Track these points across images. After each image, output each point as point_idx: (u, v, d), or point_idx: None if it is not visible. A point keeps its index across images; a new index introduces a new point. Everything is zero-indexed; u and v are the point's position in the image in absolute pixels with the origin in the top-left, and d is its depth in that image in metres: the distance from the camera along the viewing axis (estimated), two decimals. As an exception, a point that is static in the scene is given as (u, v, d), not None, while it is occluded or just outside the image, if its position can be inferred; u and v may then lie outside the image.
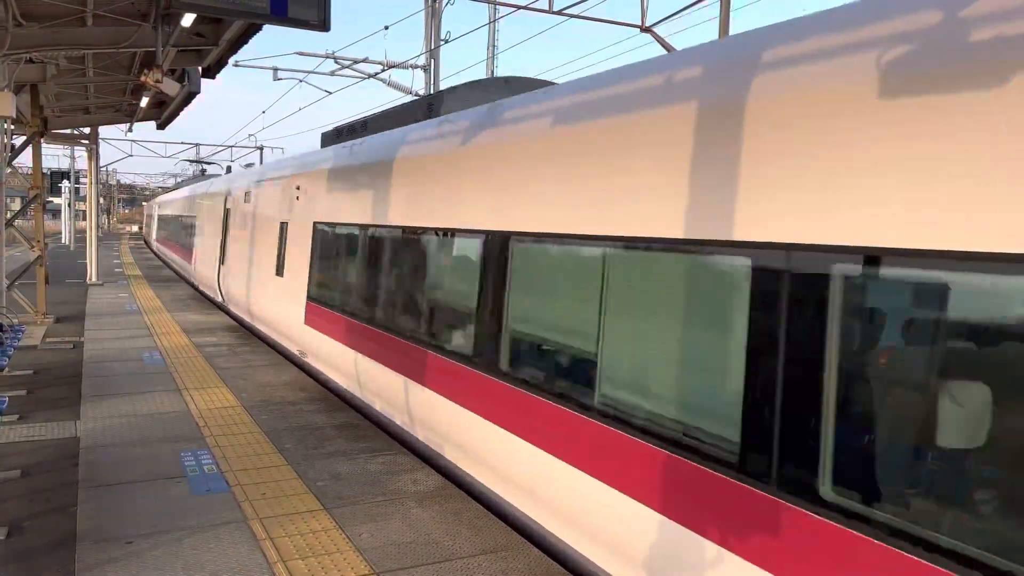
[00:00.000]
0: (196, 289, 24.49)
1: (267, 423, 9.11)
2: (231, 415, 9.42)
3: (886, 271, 3.45)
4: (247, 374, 11.88)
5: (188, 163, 50.31)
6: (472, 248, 7.06)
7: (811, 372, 3.68)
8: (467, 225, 7.17)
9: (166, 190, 57.05)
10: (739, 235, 4.14)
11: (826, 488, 3.59)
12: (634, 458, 4.83)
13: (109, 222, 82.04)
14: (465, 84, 9.71)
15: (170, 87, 10.41)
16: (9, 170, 16.15)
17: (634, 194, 5.00)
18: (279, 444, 8.30)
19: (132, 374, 11.55)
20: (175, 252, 31.19)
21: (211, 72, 13.31)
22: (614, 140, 5.27)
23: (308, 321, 11.84)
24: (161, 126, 22.82)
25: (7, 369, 9.96)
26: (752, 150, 4.13)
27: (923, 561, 3.11)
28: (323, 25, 7.22)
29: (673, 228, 4.63)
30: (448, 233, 7.59)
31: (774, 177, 3.97)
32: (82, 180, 47.73)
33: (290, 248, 13.10)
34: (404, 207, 8.65)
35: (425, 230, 8.07)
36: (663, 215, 4.73)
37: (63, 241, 51.22)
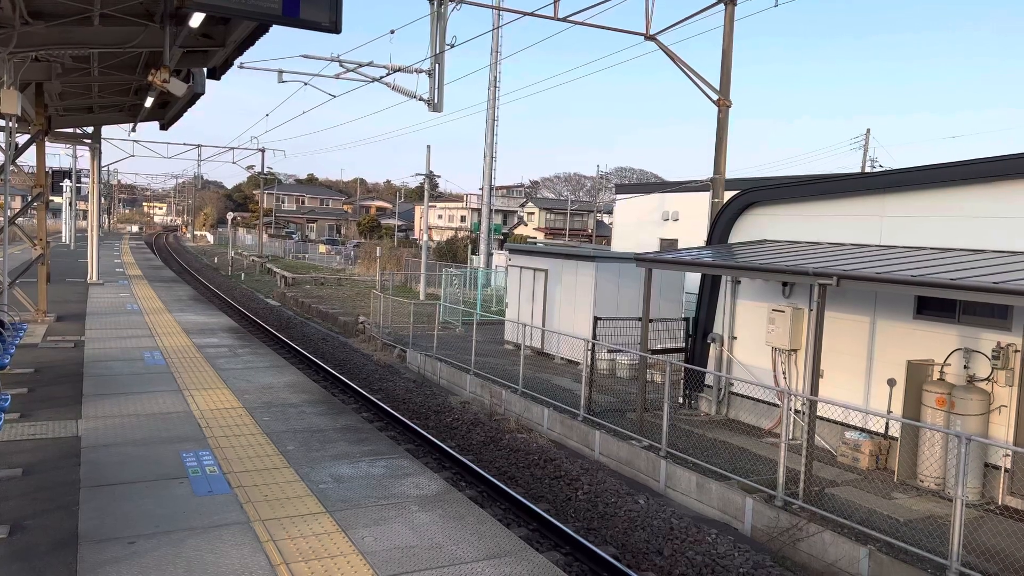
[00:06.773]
0: None
1: (269, 425, 9.09)
2: (233, 416, 9.39)
3: None
4: (249, 375, 11.85)
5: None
6: None
7: None
8: None
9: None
10: None
11: None
12: None
13: (110, 222, 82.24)
14: None
15: (177, 87, 10.38)
16: (13, 168, 16.14)
17: None
18: (281, 446, 8.27)
19: (134, 374, 11.52)
20: None
21: (216, 74, 13.29)
22: None
23: None
24: (164, 127, 22.82)
25: (9, 367, 9.93)
26: None
27: None
28: (334, 27, 7.20)
29: None
30: None
31: None
32: (84, 179, 47.73)
33: None
34: None
35: None
36: None
37: (63, 240, 51.23)
